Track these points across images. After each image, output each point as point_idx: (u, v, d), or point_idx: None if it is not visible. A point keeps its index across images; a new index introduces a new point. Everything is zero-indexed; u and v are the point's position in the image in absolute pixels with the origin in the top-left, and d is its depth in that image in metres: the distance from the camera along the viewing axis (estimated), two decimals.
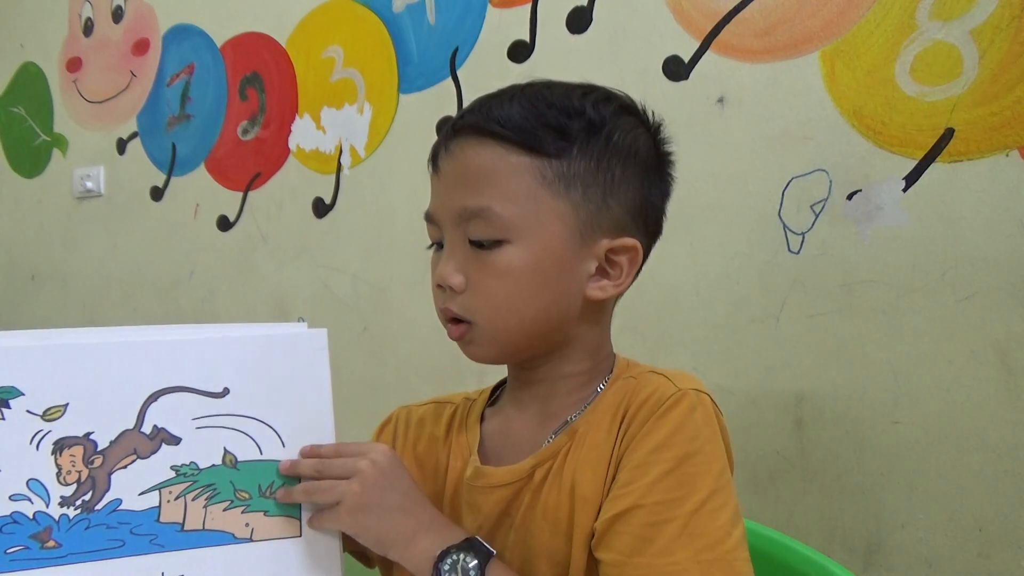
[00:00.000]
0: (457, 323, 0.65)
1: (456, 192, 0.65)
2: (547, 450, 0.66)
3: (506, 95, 0.66)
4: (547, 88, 0.66)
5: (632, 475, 0.60)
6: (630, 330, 1.23)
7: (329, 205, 1.64)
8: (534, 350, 0.67)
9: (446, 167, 0.66)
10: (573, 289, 0.65)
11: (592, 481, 0.62)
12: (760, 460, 1.13)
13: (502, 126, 0.63)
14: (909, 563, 1.04)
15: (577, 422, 0.66)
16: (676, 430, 0.60)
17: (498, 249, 0.63)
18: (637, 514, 0.58)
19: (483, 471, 0.67)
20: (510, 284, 0.63)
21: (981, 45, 0.99)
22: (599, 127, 0.65)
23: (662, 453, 0.60)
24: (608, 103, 0.66)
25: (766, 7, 1.15)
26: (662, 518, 0.58)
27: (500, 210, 0.62)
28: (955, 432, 1.01)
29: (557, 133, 0.63)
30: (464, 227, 0.64)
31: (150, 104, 1.96)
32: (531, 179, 0.63)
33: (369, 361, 1.58)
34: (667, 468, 0.59)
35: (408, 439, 0.75)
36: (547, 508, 0.64)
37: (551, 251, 0.63)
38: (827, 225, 1.10)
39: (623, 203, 0.65)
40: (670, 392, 0.62)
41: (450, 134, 0.67)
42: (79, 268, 2.11)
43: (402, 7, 1.54)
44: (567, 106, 0.64)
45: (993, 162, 0.99)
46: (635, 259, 0.66)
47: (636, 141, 0.67)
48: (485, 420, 0.73)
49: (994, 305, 0.99)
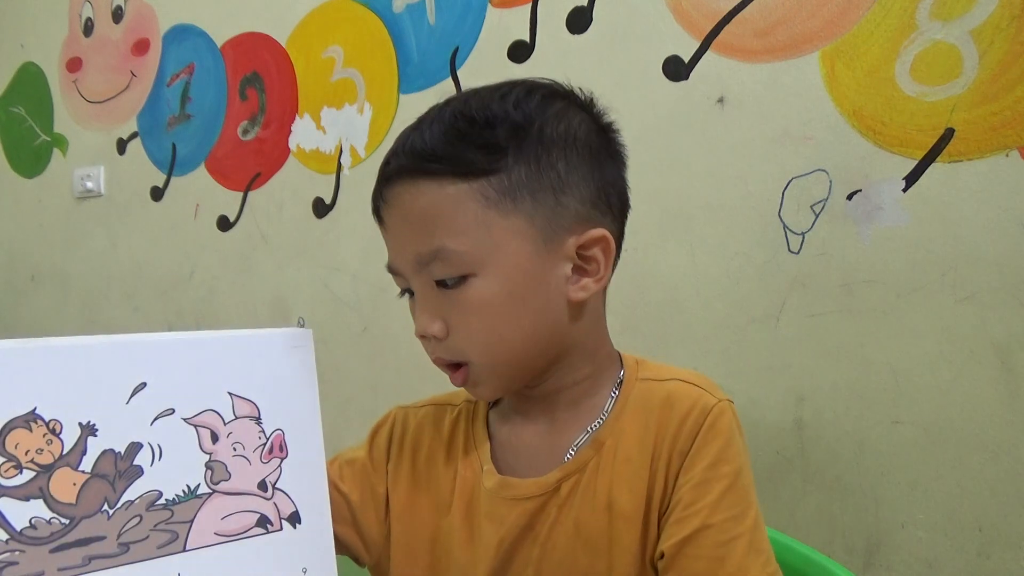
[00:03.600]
0: (455, 368, 0.64)
1: (407, 241, 0.62)
2: (573, 463, 0.64)
3: (425, 123, 0.63)
4: (464, 103, 0.63)
5: (694, 494, 0.59)
6: (630, 330, 1.23)
7: (329, 205, 1.64)
8: (537, 369, 0.65)
9: (389, 218, 0.64)
10: (554, 298, 0.62)
11: (630, 497, 0.62)
12: (760, 460, 1.13)
13: (429, 160, 0.60)
14: (909, 563, 1.04)
15: (601, 433, 0.65)
16: (727, 445, 0.61)
17: (465, 284, 0.60)
18: (707, 535, 0.58)
19: (508, 482, 0.65)
20: (489, 316, 0.61)
21: (981, 45, 0.99)
22: (527, 127, 0.61)
23: (719, 469, 0.60)
24: (530, 97, 0.63)
25: (766, 7, 1.15)
26: (730, 536, 0.58)
27: (453, 246, 0.59)
28: (955, 432, 1.01)
29: (485, 149, 0.60)
30: (426, 272, 0.61)
31: (150, 104, 1.96)
32: (475, 205, 0.59)
33: (369, 361, 1.58)
34: (727, 484, 0.59)
35: (406, 445, 0.73)
36: (580, 525, 0.62)
37: (519, 270, 0.60)
38: (827, 225, 1.10)
39: (578, 196, 0.62)
40: (711, 404, 0.62)
41: (382, 183, 0.64)
42: (79, 268, 2.11)
43: (402, 7, 1.54)
44: (488, 117, 0.61)
45: (993, 162, 0.99)
46: (608, 248, 0.63)
47: (571, 126, 0.63)
48: (491, 426, 0.71)
49: (994, 305, 0.99)
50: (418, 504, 0.71)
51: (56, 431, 0.51)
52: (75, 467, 0.51)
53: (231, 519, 0.58)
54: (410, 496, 0.71)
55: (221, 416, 0.57)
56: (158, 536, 0.55)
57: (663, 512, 0.62)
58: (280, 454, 0.60)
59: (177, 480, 0.55)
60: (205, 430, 0.57)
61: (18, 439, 0.50)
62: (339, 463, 0.73)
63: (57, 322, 2.15)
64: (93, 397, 0.52)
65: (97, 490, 0.52)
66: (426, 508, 0.70)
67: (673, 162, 1.20)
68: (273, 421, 0.59)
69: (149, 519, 0.54)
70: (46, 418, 0.51)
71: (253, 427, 0.59)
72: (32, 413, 0.50)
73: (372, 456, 0.74)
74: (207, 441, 0.57)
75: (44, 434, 0.51)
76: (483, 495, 0.67)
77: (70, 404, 0.51)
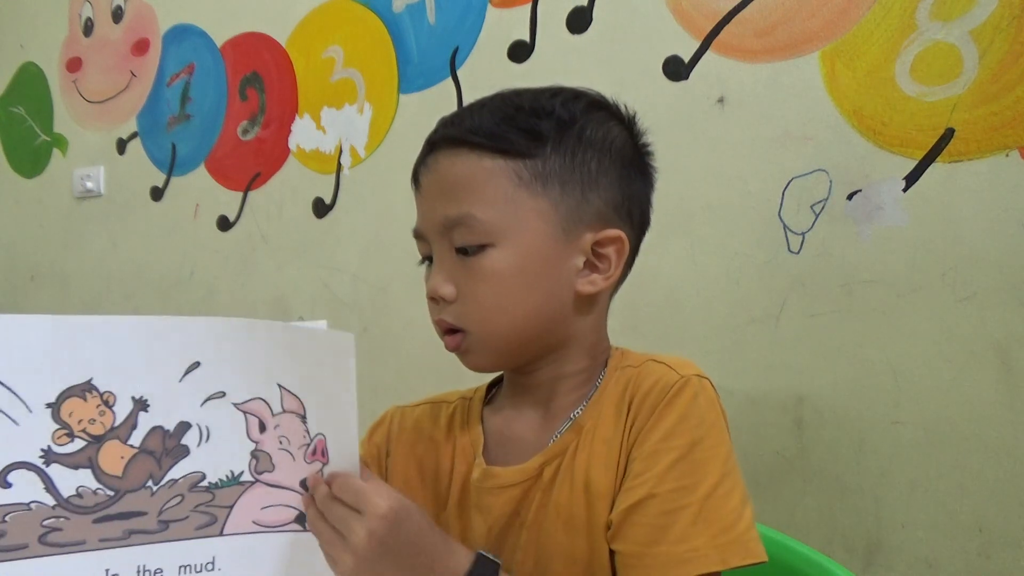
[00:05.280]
0: (452, 334, 0.66)
1: (437, 204, 0.66)
2: (554, 447, 0.66)
3: (476, 105, 0.68)
4: (516, 94, 0.68)
5: (643, 465, 0.60)
6: (630, 330, 1.23)
7: (329, 205, 1.64)
8: (531, 353, 0.67)
9: (426, 181, 0.68)
10: (563, 286, 0.65)
11: (605, 476, 0.63)
12: (760, 460, 1.13)
13: (474, 133, 0.64)
14: (909, 563, 1.04)
15: (582, 417, 0.66)
16: (683, 417, 0.61)
17: (483, 254, 0.63)
18: (652, 503, 0.59)
19: (491, 472, 0.67)
20: (498, 287, 0.63)
21: (981, 45, 0.99)
22: (570, 124, 0.65)
23: (671, 441, 0.60)
24: (577, 100, 0.67)
25: (766, 7, 1.15)
26: (677, 505, 0.58)
27: (480, 215, 0.63)
28: (955, 432, 1.01)
29: (528, 134, 0.64)
30: (449, 237, 0.64)
31: (150, 104, 1.96)
32: (507, 181, 0.63)
33: (369, 361, 1.58)
34: (677, 456, 0.60)
35: (403, 442, 0.74)
36: (560, 506, 0.64)
37: (535, 250, 0.64)
38: (827, 225, 1.10)
39: (603, 196, 0.66)
40: (673, 380, 0.63)
41: (427, 150, 0.68)
42: (79, 268, 2.11)
43: (402, 7, 1.54)
44: (536, 107, 0.65)
45: (993, 162, 0.99)
46: (622, 250, 0.66)
47: (609, 134, 0.67)
48: (485, 421, 0.72)
49: (994, 305, 0.99)
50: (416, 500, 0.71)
51: (110, 403, 0.51)
52: (124, 440, 0.52)
53: (270, 511, 0.58)
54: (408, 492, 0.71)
55: (270, 406, 0.56)
56: (197, 518, 0.55)
57: None
58: (322, 459, 0.59)
59: (222, 464, 0.55)
60: (254, 418, 0.56)
61: (72, 407, 0.50)
62: None
63: None
64: (148, 372, 0.52)
65: (143, 465, 0.52)
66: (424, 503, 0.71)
67: (673, 162, 1.20)
68: (317, 424, 0.58)
69: (190, 500, 0.54)
70: (101, 389, 0.51)
71: (299, 425, 0.58)
72: (88, 383, 0.50)
73: (370, 454, 0.75)
74: (255, 429, 0.56)
75: (98, 405, 0.51)
76: (471, 487, 0.68)
77: (126, 377, 0.51)
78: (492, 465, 0.68)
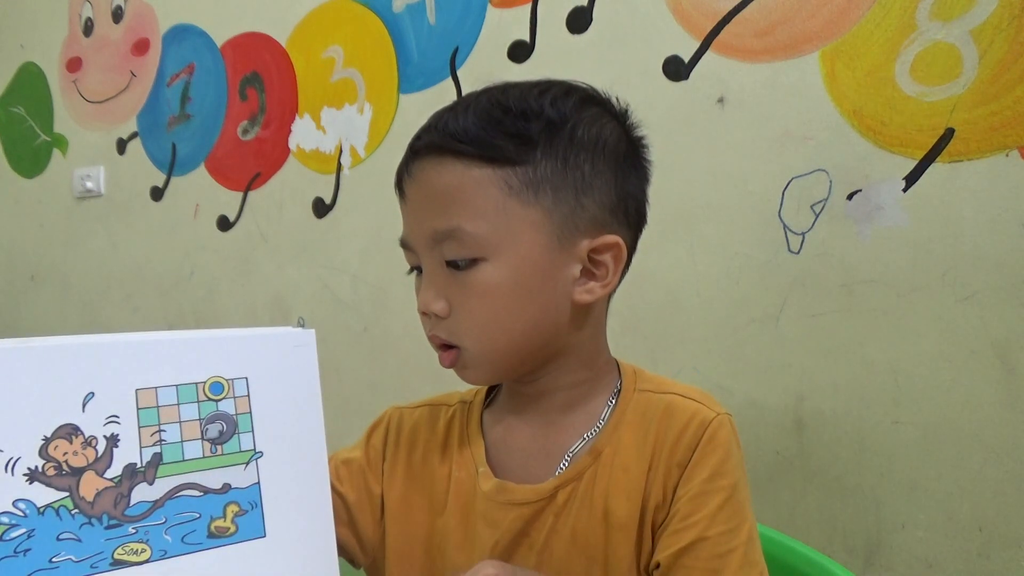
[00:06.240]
0: (447, 349, 0.64)
1: (424, 216, 0.62)
2: (570, 471, 0.64)
3: (461, 106, 0.63)
4: (502, 93, 0.64)
5: (691, 506, 0.60)
6: (630, 330, 1.23)
7: (329, 205, 1.64)
8: (529, 365, 0.65)
9: (411, 191, 0.64)
10: (559, 296, 0.63)
11: (627, 507, 0.62)
12: (760, 460, 1.13)
13: (460, 141, 0.61)
14: (909, 563, 1.04)
15: (599, 442, 0.65)
16: (725, 458, 0.61)
17: (475, 268, 0.61)
18: (703, 547, 0.59)
19: (506, 487, 0.65)
20: (493, 303, 0.61)
21: (981, 45, 0.99)
22: (560, 125, 0.62)
23: (716, 482, 0.60)
24: (567, 98, 0.63)
25: (766, 7, 1.15)
26: (726, 549, 0.59)
27: (470, 228, 0.60)
28: (955, 432, 1.01)
29: (517, 139, 0.60)
30: (438, 250, 0.62)
31: (150, 104, 1.96)
32: (497, 191, 0.60)
33: (369, 361, 1.58)
34: (724, 498, 0.60)
35: (401, 445, 0.73)
36: (577, 533, 0.63)
37: (530, 262, 0.61)
38: (827, 225, 1.10)
39: (598, 200, 0.63)
40: (710, 418, 0.62)
41: (410, 156, 0.64)
42: (79, 268, 2.11)
43: (402, 7, 1.54)
44: (524, 109, 0.61)
45: (993, 162, 0.99)
46: (619, 255, 0.63)
47: (602, 132, 0.64)
48: (485, 428, 0.71)
49: (994, 305, 0.99)
50: (412, 504, 0.71)
51: None
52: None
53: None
54: (404, 496, 0.71)
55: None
56: None
57: (658, 523, 0.62)
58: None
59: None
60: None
61: None
62: (335, 463, 0.73)
63: (57, 322, 2.15)
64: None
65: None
66: (420, 508, 0.70)
67: (673, 162, 1.20)
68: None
69: None
70: None
71: None
72: None
73: (368, 456, 0.74)
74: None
75: None
76: (480, 498, 0.67)
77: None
78: (497, 476, 0.67)
